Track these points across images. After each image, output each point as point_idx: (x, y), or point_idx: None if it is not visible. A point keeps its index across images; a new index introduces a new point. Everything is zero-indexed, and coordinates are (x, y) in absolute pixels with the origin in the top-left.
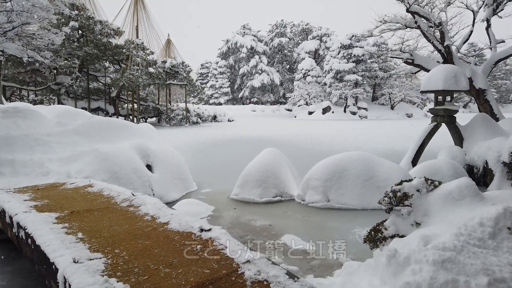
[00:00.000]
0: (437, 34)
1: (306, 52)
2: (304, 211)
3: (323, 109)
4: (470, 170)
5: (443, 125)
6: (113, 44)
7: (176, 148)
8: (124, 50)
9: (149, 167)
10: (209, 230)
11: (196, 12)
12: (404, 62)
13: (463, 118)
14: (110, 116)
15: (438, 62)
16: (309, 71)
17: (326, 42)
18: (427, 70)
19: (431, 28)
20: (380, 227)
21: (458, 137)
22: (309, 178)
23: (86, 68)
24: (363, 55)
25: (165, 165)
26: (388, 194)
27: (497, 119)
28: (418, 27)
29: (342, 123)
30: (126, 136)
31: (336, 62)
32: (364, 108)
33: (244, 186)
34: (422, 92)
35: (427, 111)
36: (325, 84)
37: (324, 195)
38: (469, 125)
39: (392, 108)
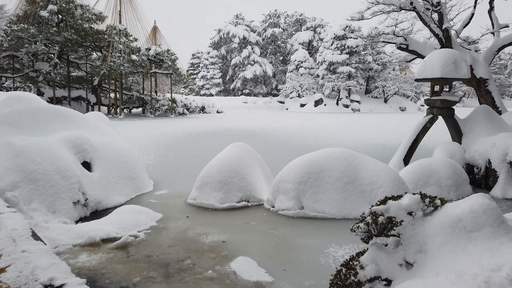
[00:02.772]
0: (435, 16)
1: (299, 43)
2: (271, 221)
3: (315, 102)
4: (470, 170)
5: (440, 118)
6: (95, 29)
7: (147, 140)
8: (106, 36)
9: (87, 164)
10: (61, 287)
11: (188, 2)
12: (398, 48)
13: (457, 113)
14: (92, 106)
15: (435, 48)
16: (302, 62)
17: (320, 33)
18: (423, 57)
19: (427, 10)
20: (354, 264)
21: (457, 132)
22: (280, 180)
23: (66, 54)
24: (356, 46)
25: (110, 162)
26: (365, 219)
27: (499, 112)
28: (414, 9)
29: (333, 116)
30: (63, 127)
31: (329, 53)
32: (357, 101)
33: (203, 189)
34: (417, 80)
35: (421, 105)
36: (317, 76)
37: (297, 200)
38: (469, 118)
39: (385, 101)
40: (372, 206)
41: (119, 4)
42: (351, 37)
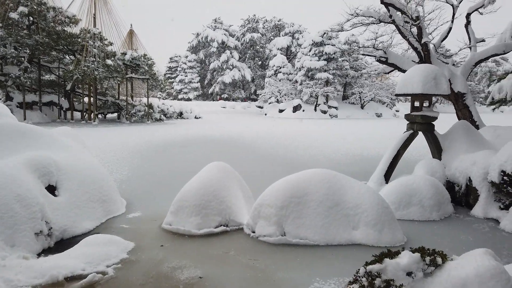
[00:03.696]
0: (414, 30)
1: (278, 49)
2: (252, 249)
3: (294, 107)
4: (450, 187)
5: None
6: (68, 33)
7: (121, 151)
8: (79, 40)
9: (53, 188)
10: None
11: (165, 5)
12: (377, 61)
13: None
14: (65, 111)
15: (413, 61)
16: (280, 68)
17: (298, 39)
18: (402, 70)
19: (407, 24)
20: None
21: (437, 148)
22: (261, 204)
23: (37, 58)
24: (334, 53)
25: (78, 184)
26: (359, 280)
27: (477, 127)
28: (393, 22)
29: (312, 123)
30: (26, 147)
31: (307, 59)
32: (335, 107)
33: (179, 213)
34: (397, 95)
35: (396, 111)
36: (296, 81)
37: (279, 226)
38: (448, 134)
39: (362, 107)
40: (366, 263)
41: (93, 7)
42: (329, 44)
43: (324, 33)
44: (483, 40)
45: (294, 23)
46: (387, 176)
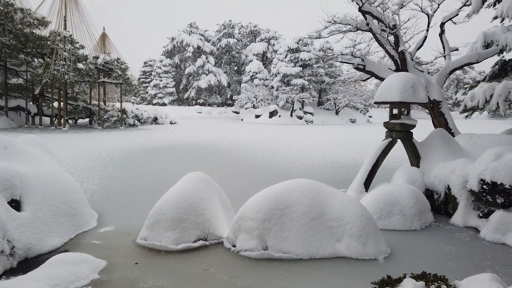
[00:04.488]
0: (391, 38)
1: (254, 54)
2: (233, 265)
3: (270, 113)
4: (429, 195)
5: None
6: (37, 35)
7: (92, 159)
8: (49, 43)
9: (17, 203)
10: None
11: (138, 9)
12: (355, 68)
13: None
14: (33, 117)
15: (390, 69)
16: (256, 73)
17: (274, 45)
18: (379, 78)
19: (384, 32)
20: None
21: (415, 156)
22: (242, 218)
23: (3, 61)
24: (309, 59)
25: (44, 198)
26: None
27: (452, 134)
28: (370, 30)
29: (288, 128)
30: None
31: (283, 65)
32: (310, 113)
33: (155, 228)
34: (376, 103)
35: (369, 117)
36: (272, 87)
37: (261, 240)
38: (426, 142)
39: (337, 113)
40: None
41: (64, 9)
42: (304, 51)
43: (300, 40)
44: (457, 49)
45: (270, 29)
46: (367, 184)
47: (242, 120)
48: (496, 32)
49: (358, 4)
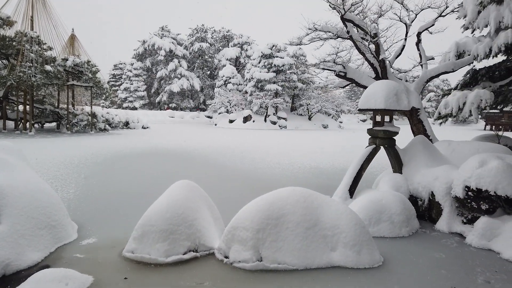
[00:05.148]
0: (372, 46)
1: (227, 59)
2: (227, 277)
3: (244, 118)
4: (413, 201)
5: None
6: (1, 35)
7: (65, 165)
8: (14, 44)
9: None
10: None
11: (110, 10)
12: (336, 75)
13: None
14: None
15: (369, 76)
16: (230, 78)
17: (247, 50)
18: (360, 85)
19: (363, 40)
20: None
21: (397, 162)
22: (235, 227)
23: None
24: (283, 65)
25: (22, 210)
26: None
27: (431, 141)
28: (350, 38)
29: (263, 133)
30: None
31: (257, 71)
32: (284, 118)
33: (144, 240)
34: (360, 110)
35: (340, 122)
36: (246, 92)
37: (255, 251)
38: (408, 148)
39: (309, 118)
40: None
41: (31, 8)
42: (278, 56)
43: (273, 46)
44: (433, 58)
45: (243, 35)
46: (352, 191)
47: (215, 125)
48: (467, 43)
49: (340, 12)
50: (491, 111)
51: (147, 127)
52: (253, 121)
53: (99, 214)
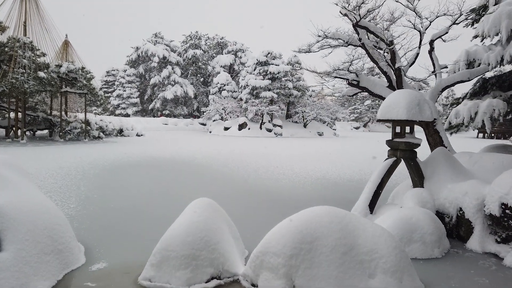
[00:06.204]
0: (386, 54)
1: (221, 66)
2: None
3: (240, 125)
4: (440, 218)
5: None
6: None
7: (62, 176)
8: (7, 49)
9: None
10: None
11: (103, 17)
12: (349, 84)
13: (363, 136)
14: None
15: (383, 85)
16: (225, 85)
17: (241, 57)
18: (373, 94)
19: (375, 47)
20: None
21: (419, 176)
22: (264, 253)
23: None
24: (278, 72)
25: (28, 234)
26: None
27: None
28: (362, 45)
29: (260, 141)
30: None
31: (252, 78)
32: (279, 126)
33: (163, 266)
34: (379, 120)
35: (334, 129)
36: (241, 99)
37: (288, 279)
38: (429, 161)
39: (305, 126)
40: None
41: (24, 14)
42: (273, 64)
43: (268, 53)
44: (446, 67)
45: (237, 42)
46: (371, 206)
47: (210, 132)
48: (478, 51)
49: (352, 20)
50: None
51: (142, 135)
52: (249, 129)
53: (106, 233)
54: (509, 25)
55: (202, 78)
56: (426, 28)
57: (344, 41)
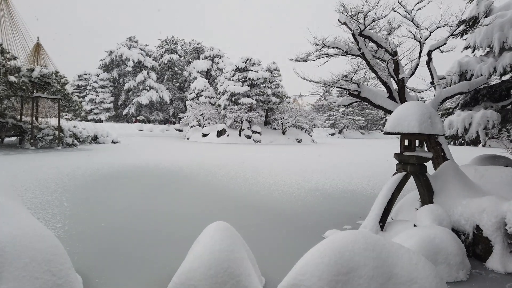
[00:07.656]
0: (388, 64)
1: (198, 72)
2: None
3: (218, 132)
4: None
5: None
6: None
7: (40, 189)
8: None
9: None
10: None
11: (74, 19)
12: (349, 94)
13: (339, 143)
14: None
15: (384, 96)
16: (202, 91)
17: (218, 63)
18: (375, 105)
19: (374, 57)
20: None
21: (428, 191)
22: (297, 286)
23: None
24: (257, 79)
25: (25, 268)
26: None
27: None
28: (362, 55)
29: (240, 148)
30: None
31: (231, 84)
32: (258, 132)
33: None
34: (388, 133)
35: (311, 135)
36: (219, 105)
37: None
38: (438, 175)
39: (283, 132)
40: None
41: None
42: (252, 70)
43: (248, 60)
44: (444, 78)
45: (214, 47)
46: (383, 221)
47: (188, 138)
48: (470, 62)
49: (359, 28)
50: None
51: (118, 142)
52: (228, 135)
53: (101, 258)
54: (502, 37)
55: (178, 84)
56: (426, 39)
57: (343, 50)
